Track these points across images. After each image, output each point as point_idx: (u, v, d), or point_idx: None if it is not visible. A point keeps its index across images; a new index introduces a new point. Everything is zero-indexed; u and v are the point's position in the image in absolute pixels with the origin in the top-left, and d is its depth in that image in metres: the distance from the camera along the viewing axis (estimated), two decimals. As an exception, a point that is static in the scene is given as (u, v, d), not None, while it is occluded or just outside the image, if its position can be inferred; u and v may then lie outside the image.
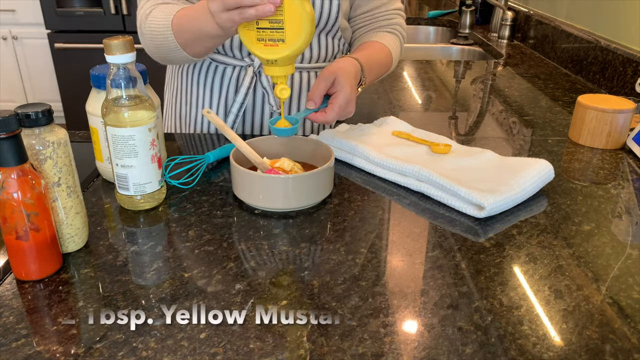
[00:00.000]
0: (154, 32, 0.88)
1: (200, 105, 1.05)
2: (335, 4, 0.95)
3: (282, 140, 0.84)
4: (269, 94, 1.00)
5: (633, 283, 0.60)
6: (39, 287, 0.58)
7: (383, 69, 1.02)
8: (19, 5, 3.14)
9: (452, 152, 0.86)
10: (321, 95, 0.84)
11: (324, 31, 0.99)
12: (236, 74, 1.00)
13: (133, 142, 0.68)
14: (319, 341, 0.51)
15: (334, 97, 0.83)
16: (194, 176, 0.82)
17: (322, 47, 1.01)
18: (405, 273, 0.61)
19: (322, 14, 0.96)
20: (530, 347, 0.51)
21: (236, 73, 1.00)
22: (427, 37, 2.46)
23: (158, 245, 0.66)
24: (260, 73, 0.99)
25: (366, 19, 1.06)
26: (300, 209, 0.74)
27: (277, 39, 0.72)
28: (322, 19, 0.96)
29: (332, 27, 0.99)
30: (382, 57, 1.00)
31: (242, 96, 1.00)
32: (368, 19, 1.06)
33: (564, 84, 1.42)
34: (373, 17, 1.06)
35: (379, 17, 1.06)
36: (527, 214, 0.74)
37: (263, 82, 1.00)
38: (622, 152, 0.96)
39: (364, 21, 1.06)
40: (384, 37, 1.03)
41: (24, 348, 0.50)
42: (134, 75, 0.67)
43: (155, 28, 0.87)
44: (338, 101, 0.82)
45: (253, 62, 0.98)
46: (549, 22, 1.71)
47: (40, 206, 0.57)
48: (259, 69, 0.98)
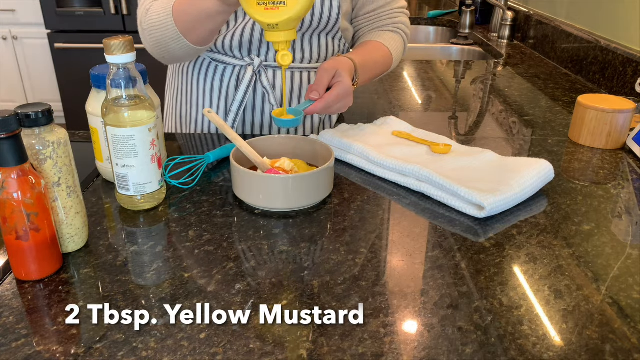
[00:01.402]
0: (154, 25, 0.87)
1: (200, 105, 1.05)
2: (336, 5, 0.95)
3: (282, 140, 0.84)
4: (269, 93, 1.00)
5: (633, 283, 0.60)
6: (39, 287, 0.58)
7: (380, 68, 1.03)
8: (19, 5, 3.14)
9: (452, 152, 0.86)
10: (324, 87, 0.85)
11: (325, 31, 0.99)
12: (236, 74, 1.01)
13: (133, 142, 0.68)
14: (319, 341, 0.51)
15: (335, 86, 0.85)
16: (194, 176, 0.82)
17: (322, 47, 1.01)
18: (405, 273, 0.61)
19: (323, 15, 0.96)
20: (530, 347, 0.51)
21: (236, 72, 1.01)
22: (427, 37, 2.46)
23: (158, 245, 0.66)
24: (260, 72, 0.99)
25: (370, 18, 1.07)
26: (300, 209, 0.74)
27: (278, 2, 0.71)
28: (322, 19, 0.96)
29: (333, 28, 0.99)
30: (379, 57, 1.01)
31: (242, 95, 1.00)
32: (372, 19, 1.07)
33: (564, 84, 1.42)
34: (377, 16, 1.07)
35: (383, 17, 1.06)
36: (527, 214, 0.74)
37: (263, 82, 1.00)
38: (622, 152, 0.96)
39: (367, 21, 1.07)
40: (384, 36, 1.04)
41: (24, 348, 0.50)
42: (134, 75, 0.67)
43: (156, 18, 0.87)
44: (338, 89, 0.84)
45: (253, 61, 0.98)
46: (549, 22, 1.71)
47: (40, 206, 0.57)
48: (258, 68, 0.99)
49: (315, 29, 0.98)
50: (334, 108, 0.86)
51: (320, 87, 0.85)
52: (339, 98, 0.85)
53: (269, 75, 1.00)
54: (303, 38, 0.99)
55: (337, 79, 0.86)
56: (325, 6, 0.95)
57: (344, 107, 0.88)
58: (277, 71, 1.00)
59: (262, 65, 0.99)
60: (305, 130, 1.09)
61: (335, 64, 0.87)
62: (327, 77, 0.85)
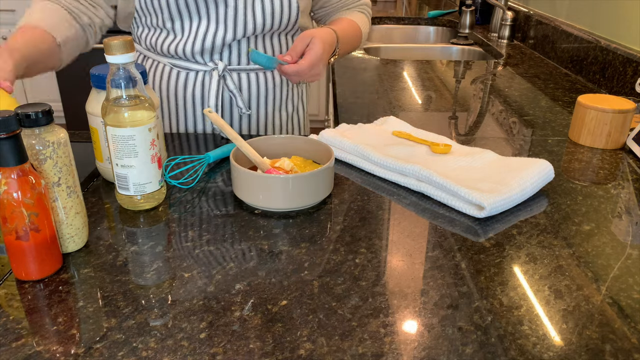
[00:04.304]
0: None
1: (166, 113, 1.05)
2: (295, 7, 0.96)
3: (282, 141, 0.84)
4: (235, 96, 1.01)
5: (633, 283, 0.60)
6: (39, 287, 0.58)
7: (355, 43, 1.09)
8: (19, 5, 3.15)
9: (452, 152, 0.86)
10: (298, 53, 0.89)
11: (284, 32, 1.01)
12: (200, 79, 1.00)
13: (133, 142, 0.68)
14: (319, 341, 0.51)
15: (307, 53, 0.88)
16: (194, 176, 0.82)
17: (282, 46, 1.03)
18: (405, 273, 0.61)
19: (283, 18, 0.97)
20: (530, 347, 0.51)
21: (200, 78, 1.00)
22: (427, 37, 2.46)
23: (158, 245, 0.66)
24: (225, 77, 1.00)
25: (338, 6, 1.12)
26: (300, 209, 0.74)
27: None
28: (282, 22, 0.97)
29: (292, 28, 1.01)
30: (354, 33, 1.07)
31: (214, 99, 1.00)
32: (340, 5, 1.12)
33: (564, 84, 1.42)
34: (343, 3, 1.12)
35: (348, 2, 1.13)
36: (527, 214, 0.74)
37: (229, 85, 1.00)
38: (622, 152, 0.96)
39: (335, 8, 1.13)
40: (353, 15, 1.10)
41: (24, 348, 0.50)
42: (134, 75, 0.67)
43: None
44: (309, 57, 0.88)
45: (217, 66, 0.98)
46: (549, 22, 1.71)
47: (40, 206, 0.57)
48: (223, 72, 0.99)
49: (275, 30, 0.99)
50: (305, 75, 0.89)
51: (294, 52, 0.88)
52: (311, 66, 0.87)
53: (234, 79, 1.00)
54: (264, 39, 0.99)
55: (310, 45, 0.88)
56: (284, 9, 0.96)
57: (315, 75, 0.90)
58: (241, 74, 1.01)
59: (227, 68, 0.99)
60: (305, 130, 1.10)
61: (312, 32, 0.90)
62: (301, 44, 0.88)
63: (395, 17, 2.44)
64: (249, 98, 1.03)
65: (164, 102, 1.04)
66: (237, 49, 0.98)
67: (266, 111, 1.06)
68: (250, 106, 1.04)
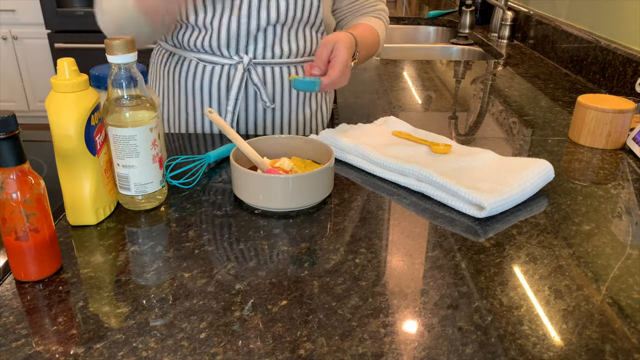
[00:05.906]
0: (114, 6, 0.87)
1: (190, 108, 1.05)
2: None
3: (282, 140, 0.84)
4: (260, 90, 1.01)
5: (633, 283, 0.60)
6: (39, 287, 0.58)
7: (373, 48, 1.07)
8: (19, 5, 3.14)
9: (452, 152, 0.86)
10: (324, 62, 0.88)
11: (308, 24, 1.00)
12: (226, 73, 1.01)
13: (134, 142, 0.68)
14: (319, 341, 0.51)
15: (334, 61, 0.87)
16: (195, 176, 0.82)
17: (307, 41, 1.03)
18: (405, 273, 0.61)
19: (305, 4, 0.97)
20: (530, 347, 0.51)
21: (226, 71, 1.01)
22: (427, 37, 2.46)
23: (158, 245, 0.66)
24: (250, 70, 1.00)
25: (353, 8, 1.12)
26: (300, 209, 0.74)
27: None
28: (305, 9, 0.97)
29: (315, 20, 1.01)
30: (372, 38, 1.05)
31: (235, 93, 1.00)
32: (355, 8, 1.12)
33: (564, 84, 1.42)
34: (360, 5, 1.12)
35: (365, 4, 1.12)
36: (527, 214, 0.74)
37: (254, 79, 1.00)
38: (622, 152, 0.96)
39: (350, 11, 1.12)
40: (371, 21, 1.09)
41: (24, 348, 0.50)
42: (135, 75, 0.67)
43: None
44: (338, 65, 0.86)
45: (242, 59, 0.99)
46: (549, 22, 1.71)
47: (40, 207, 0.57)
48: (248, 65, 0.99)
49: (299, 21, 0.98)
50: (339, 84, 0.89)
51: (321, 62, 0.87)
52: (341, 73, 0.87)
53: (259, 72, 1.00)
54: (289, 33, 0.99)
55: (334, 52, 0.87)
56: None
57: (345, 80, 0.90)
58: (266, 68, 1.01)
59: (252, 62, 0.99)
60: (305, 130, 1.10)
61: (333, 37, 0.89)
62: (326, 51, 0.87)
63: (395, 17, 2.44)
64: (273, 92, 1.04)
65: (189, 99, 1.04)
66: (263, 41, 0.98)
67: (290, 106, 1.06)
68: (274, 100, 1.04)
